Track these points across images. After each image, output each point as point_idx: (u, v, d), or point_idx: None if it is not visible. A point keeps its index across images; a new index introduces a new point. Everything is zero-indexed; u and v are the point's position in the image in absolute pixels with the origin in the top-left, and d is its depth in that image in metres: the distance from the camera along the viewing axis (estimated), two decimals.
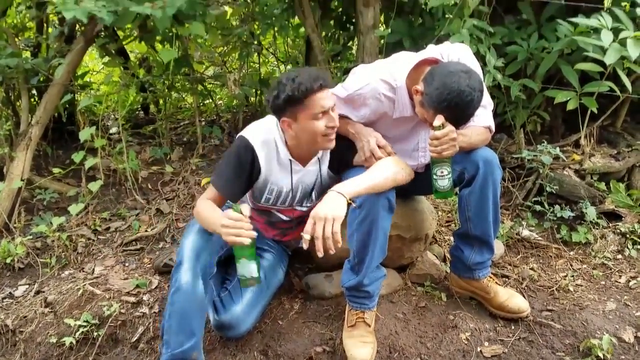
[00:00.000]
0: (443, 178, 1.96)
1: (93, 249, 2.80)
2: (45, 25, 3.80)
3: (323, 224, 1.77)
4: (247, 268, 1.85)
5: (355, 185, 1.89)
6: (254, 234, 1.81)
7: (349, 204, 1.85)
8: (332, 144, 1.98)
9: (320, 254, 1.79)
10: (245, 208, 1.82)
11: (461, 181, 2.09)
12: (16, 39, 3.73)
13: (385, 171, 1.96)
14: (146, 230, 2.88)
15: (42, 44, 3.77)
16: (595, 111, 2.88)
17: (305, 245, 1.80)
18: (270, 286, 2.27)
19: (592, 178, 3.00)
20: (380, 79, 2.01)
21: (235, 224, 1.78)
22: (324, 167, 2.13)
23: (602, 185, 2.96)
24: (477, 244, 2.20)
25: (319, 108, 1.88)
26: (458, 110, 1.83)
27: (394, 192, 2.00)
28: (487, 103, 2.14)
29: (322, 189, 2.17)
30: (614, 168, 3.05)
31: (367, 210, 1.94)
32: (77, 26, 3.41)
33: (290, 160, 2.05)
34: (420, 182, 2.13)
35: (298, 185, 2.12)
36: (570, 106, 2.86)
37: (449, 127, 1.87)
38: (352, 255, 2.07)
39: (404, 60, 2.03)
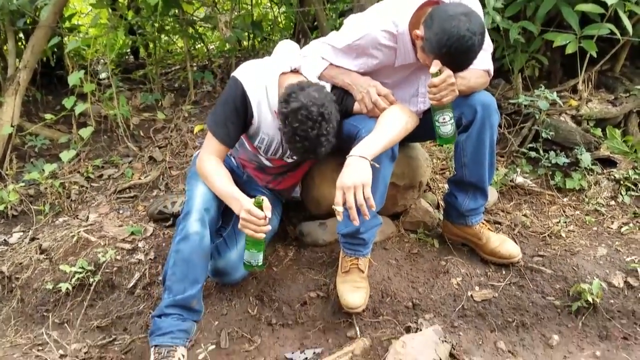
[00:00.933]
0: (445, 124, 1.90)
1: (87, 197, 2.80)
2: None
3: (353, 192, 1.74)
4: (254, 257, 1.92)
5: (373, 145, 1.84)
6: (269, 228, 1.84)
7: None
8: None
9: (356, 222, 1.78)
10: (267, 203, 1.83)
11: (458, 126, 2.04)
12: None
13: (398, 123, 1.92)
14: (139, 178, 2.87)
15: None
16: (595, 55, 2.82)
17: (339, 218, 1.78)
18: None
19: (588, 124, 2.97)
20: (380, 29, 1.92)
21: (256, 221, 1.81)
22: None
23: (598, 132, 2.94)
24: (472, 190, 2.19)
25: None
26: (458, 56, 1.77)
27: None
28: (487, 45, 2.08)
29: None
30: (610, 114, 3.02)
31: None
32: None
33: None
34: (417, 129, 2.08)
35: None
36: (570, 50, 2.79)
37: (447, 72, 1.81)
38: None
39: (405, 4, 1.94)
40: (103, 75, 3.75)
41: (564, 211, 2.64)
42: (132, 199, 2.76)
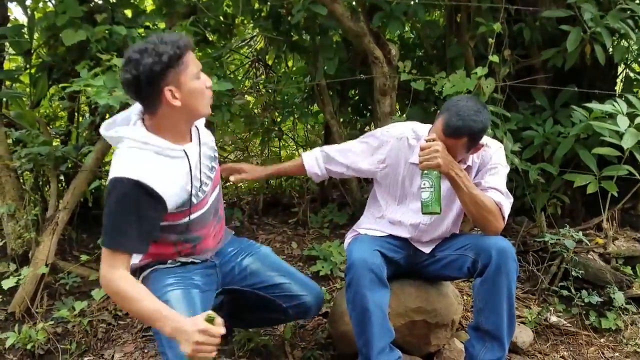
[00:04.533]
0: (425, 190, 1.99)
1: (113, 335, 2.78)
2: (76, 114, 3.98)
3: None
4: None
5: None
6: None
7: None
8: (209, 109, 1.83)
9: None
10: (219, 319, 1.59)
11: (475, 270, 2.08)
12: (48, 128, 3.89)
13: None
14: None
15: (73, 132, 3.93)
16: (616, 194, 2.89)
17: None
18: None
19: (617, 262, 2.96)
20: (411, 128, 2.20)
21: (215, 341, 1.55)
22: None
23: (628, 269, 2.92)
24: (489, 339, 2.10)
25: (197, 66, 1.73)
26: (454, 114, 1.94)
27: (380, 266, 2.00)
28: (505, 192, 2.12)
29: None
30: (638, 252, 3.01)
31: (355, 287, 1.94)
32: (108, 115, 3.56)
33: (184, 150, 1.81)
34: (432, 269, 2.27)
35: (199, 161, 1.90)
36: (590, 190, 2.87)
37: (437, 141, 1.97)
38: (356, 338, 2.04)
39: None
40: None
41: (603, 353, 2.54)
42: None
